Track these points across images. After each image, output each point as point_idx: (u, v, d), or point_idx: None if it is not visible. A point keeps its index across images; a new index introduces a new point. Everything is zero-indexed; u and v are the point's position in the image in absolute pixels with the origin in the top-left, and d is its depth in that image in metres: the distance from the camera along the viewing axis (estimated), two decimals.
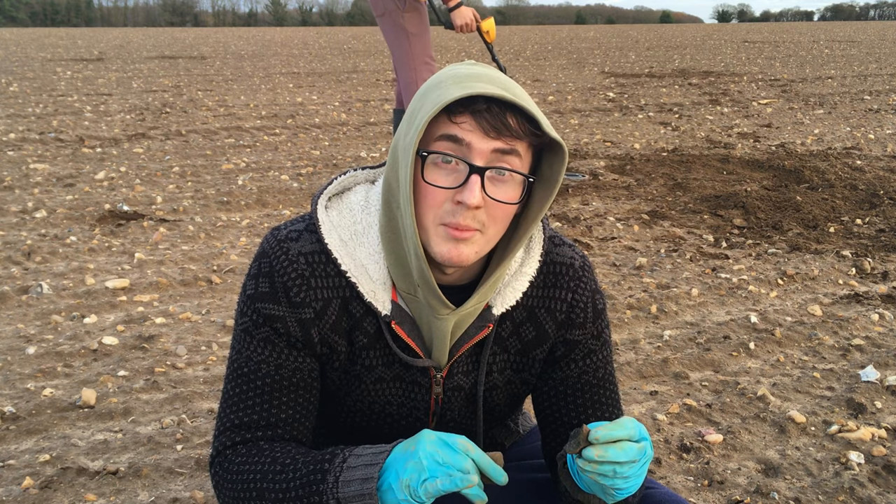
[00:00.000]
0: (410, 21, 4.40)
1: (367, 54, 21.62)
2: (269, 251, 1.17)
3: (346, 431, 1.35)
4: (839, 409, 2.47)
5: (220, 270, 3.70)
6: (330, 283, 1.16)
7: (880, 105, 9.91)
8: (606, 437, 1.01)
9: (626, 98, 10.75)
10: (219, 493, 1.17)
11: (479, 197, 1.04)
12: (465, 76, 1.06)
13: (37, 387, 2.56)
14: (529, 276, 1.22)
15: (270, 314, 1.16)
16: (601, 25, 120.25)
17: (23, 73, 14.31)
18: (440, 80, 1.08)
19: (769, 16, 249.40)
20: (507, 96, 1.02)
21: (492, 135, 1.04)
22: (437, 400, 1.25)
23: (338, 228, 1.18)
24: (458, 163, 1.05)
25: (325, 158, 6.43)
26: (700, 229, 4.47)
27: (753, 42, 29.34)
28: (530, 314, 1.24)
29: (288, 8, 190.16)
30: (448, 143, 1.05)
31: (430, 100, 1.05)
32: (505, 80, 1.08)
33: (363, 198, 1.21)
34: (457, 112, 1.05)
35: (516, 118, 1.05)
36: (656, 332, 3.09)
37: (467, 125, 1.04)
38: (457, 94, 1.02)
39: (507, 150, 1.05)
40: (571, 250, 1.27)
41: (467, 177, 1.05)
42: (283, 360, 1.17)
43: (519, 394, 1.31)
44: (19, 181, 5.40)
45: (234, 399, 1.18)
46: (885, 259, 3.96)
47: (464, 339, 1.19)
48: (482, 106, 1.03)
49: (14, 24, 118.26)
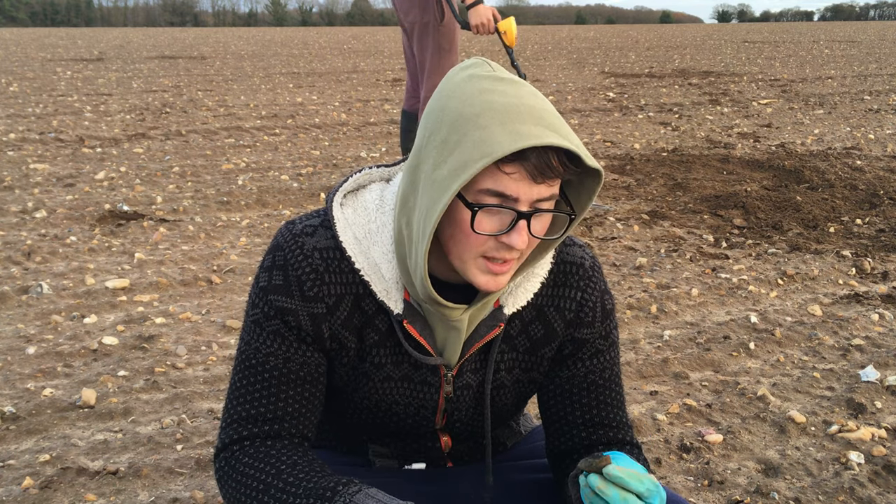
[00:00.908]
0: (445, 36, 4.39)
1: (367, 54, 21.62)
2: (284, 244, 1.17)
3: (352, 429, 1.35)
4: (839, 409, 2.47)
5: (220, 270, 3.70)
6: (343, 279, 1.17)
7: (880, 105, 9.91)
8: (617, 479, 1.03)
9: (626, 98, 10.75)
10: (221, 486, 1.17)
11: (527, 240, 1.04)
12: (512, 113, 1.00)
13: (37, 387, 2.56)
14: (541, 278, 1.22)
15: (283, 307, 1.16)
16: (601, 25, 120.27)
17: (23, 73, 14.32)
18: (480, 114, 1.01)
19: (769, 16, 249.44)
20: (556, 141, 0.98)
21: (538, 180, 1.01)
22: (446, 399, 1.25)
23: (352, 226, 1.18)
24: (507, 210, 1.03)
25: (325, 158, 6.43)
26: (700, 229, 4.47)
27: (753, 42, 29.34)
28: (539, 313, 1.24)
29: (288, 8, 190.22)
30: (496, 195, 1.02)
31: (473, 142, 0.99)
32: (548, 113, 1.03)
33: (378, 196, 1.21)
34: (504, 161, 1.00)
35: (559, 157, 1.02)
36: (656, 332, 3.09)
37: (516, 175, 1.01)
38: (510, 148, 0.97)
39: (550, 189, 1.04)
40: (582, 250, 1.28)
41: (514, 222, 1.03)
42: (292, 353, 1.17)
43: (526, 393, 1.32)
44: (19, 181, 5.40)
45: (241, 391, 1.18)
46: (885, 259, 3.96)
47: (474, 337, 1.19)
48: (532, 154, 0.99)
49: (14, 24, 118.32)
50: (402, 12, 4.42)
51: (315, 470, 1.13)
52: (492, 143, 0.98)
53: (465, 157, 0.99)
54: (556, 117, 1.05)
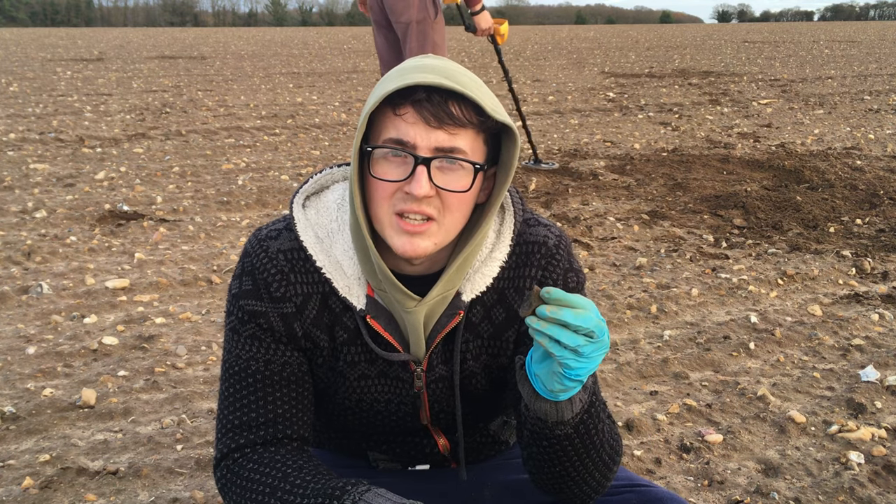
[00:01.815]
0: (437, 32, 4.47)
1: (367, 54, 21.62)
2: (251, 250, 1.20)
3: (346, 434, 1.35)
4: (839, 409, 2.47)
5: (220, 270, 3.70)
6: (309, 278, 1.18)
7: (880, 105, 9.91)
8: (561, 297, 0.97)
9: (626, 98, 10.75)
10: (224, 496, 1.17)
11: (427, 187, 1.05)
12: (409, 69, 1.07)
13: (37, 387, 2.56)
14: (500, 262, 1.21)
15: (254, 310, 1.18)
16: (601, 25, 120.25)
17: (23, 73, 14.31)
18: (387, 76, 1.09)
19: (769, 16, 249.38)
20: (447, 83, 1.02)
21: (433, 124, 1.04)
22: (421, 392, 1.25)
23: (314, 226, 1.20)
24: (405, 156, 1.06)
25: (325, 158, 6.43)
26: (700, 229, 4.47)
27: (753, 42, 29.33)
28: (500, 296, 1.24)
29: (288, 8, 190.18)
30: (394, 139, 1.07)
31: (374, 95, 1.06)
32: (452, 69, 1.07)
33: (340, 196, 1.23)
34: (399, 105, 1.05)
35: (460, 106, 1.05)
36: (656, 332, 3.09)
37: (409, 116, 1.05)
38: (394, 86, 1.02)
39: (452, 137, 1.06)
40: (546, 230, 1.26)
41: (413, 168, 1.06)
42: (272, 355, 1.19)
43: (499, 379, 1.30)
44: (19, 181, 5.40)
45: (230, 399, 1.19)
46: (885, 259, 3.96)
47: (437, 328, 1.19)
48: (422, 96, 1.04)
49: (14, 24, 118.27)
50: (396, 13, 4.45)
51: (321, 472, 1.13)
52: (385, 87, 1.04)
53: (365, 108, 1.05)
54: (464, 74, 1.08)
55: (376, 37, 4.72)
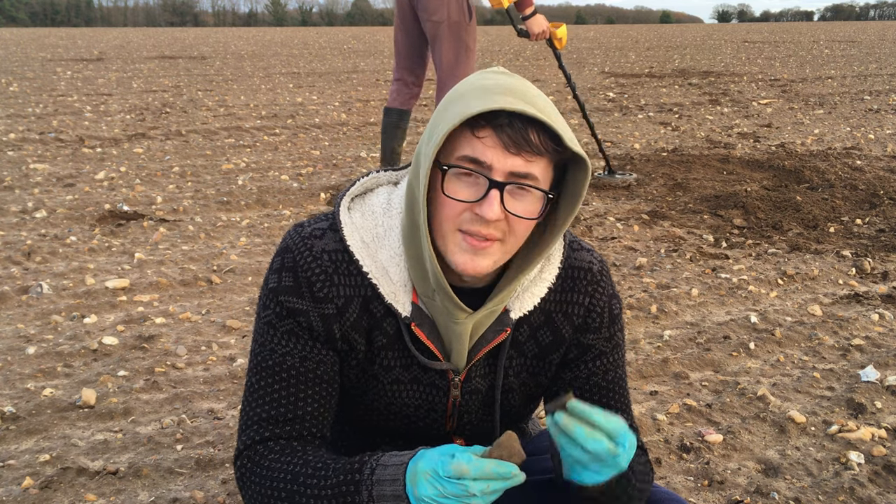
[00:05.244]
0: (471, 35, 4.42)
1: (367, 54, 21.62)
2: (293, 247, 1.19)
3: (364, 431, 1.35)
4: (839, 409, 2.47)
5: (220, 270, 3.70)
6: (352, 281, 1.18)
7: (880, 105, 9.91)
8: (580, 413, 1.00)
9: (626, 98, 10.75)
10: (243, 487, 1.17)
11: (499, 211, 1.05)
12: (490, 88, 1.05)
13: (37, 387, 2.56)
14: (549, 283, 1.23)
15: (294, 308, 1.17)
16: (601, 25, 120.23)
17: (23, 73, 14.31)
18: (464, 90, 1.07)
19: (769, 16, 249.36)
20: (530, 111, 1.01)
21: (512, 150, 1.04)
22: (454, 402, 1.25)
23: (360, 230, 1.19)
24: (478, 176, 1.05)
25: (325, 158, 6.43)
26: (700, 229, 4.47)
27: (753, 42, 29.33)
28: (548, 318, 1.25)
29: (288, 8, 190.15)
30: (470, 160, 1.05)
31: (452, 112, 1.05)
32: (532, 94, 1.06)
33: (385, 200, 1.22)
34: (479, 126, 1.04)
35: (539, 134, 1.04)
36: (656, 332, 3.09)
37: (489, 140, 1.04)
38: (478, 109, 1.01)
39: (528, 164, 1.05)
40: (590, 255, 1.28)
41: (487, 191, 1.05)
42: (308, 352, 1.18)
43: (533, 395, 1.32)
44: (19, 181, 5.40)
45: (259, 392, 1.19)
46: (885, 259, 3.96)
47: (482, 342, 1.20)
48: (504, 120, 1.03)
49: (14, 24, 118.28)
50: (429, 11, 4.35)
51: (341, 458, 1.14)
52: (466, 107, 1.03)
53: (444, 125, 1.04)
54: (542, 98, 1.07)
55: (397, 31, 4.64)
